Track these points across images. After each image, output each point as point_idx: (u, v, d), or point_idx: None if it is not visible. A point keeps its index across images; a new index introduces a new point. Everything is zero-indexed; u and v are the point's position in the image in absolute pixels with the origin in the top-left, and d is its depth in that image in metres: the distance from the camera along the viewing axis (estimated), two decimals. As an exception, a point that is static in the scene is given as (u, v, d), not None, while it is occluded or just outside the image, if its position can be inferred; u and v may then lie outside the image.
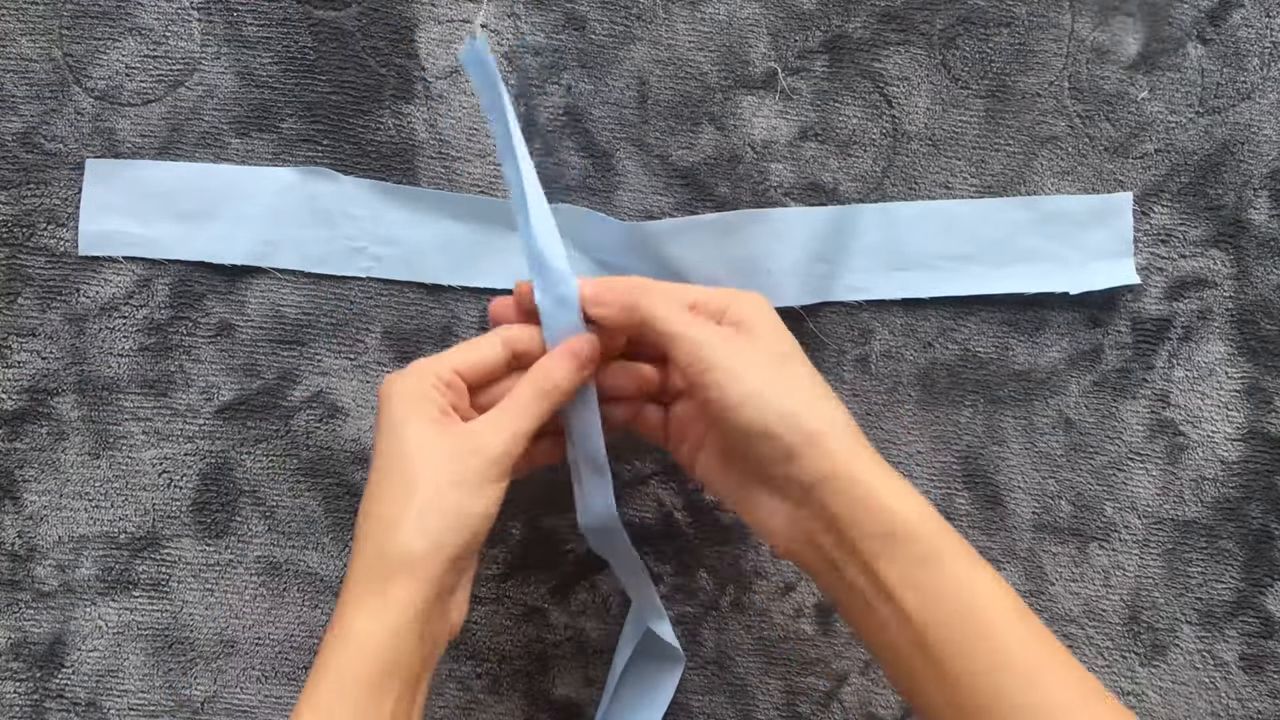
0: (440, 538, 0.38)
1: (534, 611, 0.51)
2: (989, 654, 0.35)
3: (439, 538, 0.38)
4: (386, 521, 0.38)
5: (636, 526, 0.50)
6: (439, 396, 0.40)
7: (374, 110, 0.50)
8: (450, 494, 0.38)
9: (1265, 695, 0.50)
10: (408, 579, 0.37)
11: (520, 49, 0.50)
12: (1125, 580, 0.50)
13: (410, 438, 0.39)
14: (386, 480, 0.39)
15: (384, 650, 0.37)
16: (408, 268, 0.50)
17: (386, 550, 0.37)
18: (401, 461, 0.38)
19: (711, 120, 0.50)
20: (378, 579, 0.37)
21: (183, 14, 0.50)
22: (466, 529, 0.38)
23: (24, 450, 0.50)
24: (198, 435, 0.50)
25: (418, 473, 0.38)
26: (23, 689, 0.50)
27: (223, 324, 0.50)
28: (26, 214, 0.50)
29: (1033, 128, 0.50)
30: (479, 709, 0.50)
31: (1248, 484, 0.50)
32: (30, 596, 0.50)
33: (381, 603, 0.37)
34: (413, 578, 0.37)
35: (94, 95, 0.50)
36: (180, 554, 0.50)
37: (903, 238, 0.50)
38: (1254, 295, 0.50)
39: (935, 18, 0.50)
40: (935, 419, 0.50)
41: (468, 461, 0.38)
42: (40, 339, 0.50)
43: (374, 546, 0.38)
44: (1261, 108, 0.50)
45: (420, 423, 0.39)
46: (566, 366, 0.41)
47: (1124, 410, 0.50)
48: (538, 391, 0.40)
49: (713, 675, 0.50)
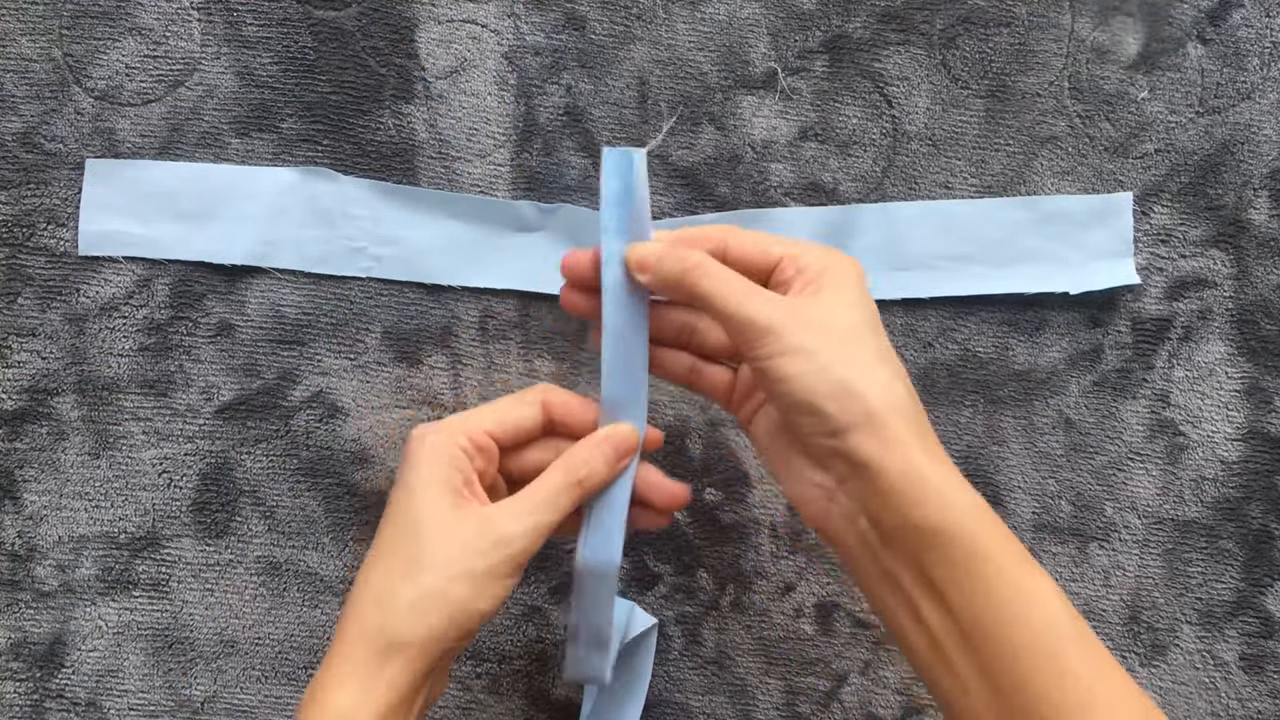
0: (441, 629, 0.36)
1: (534, 611, 0.51)
2: (1041, 657, 0.33)
3: (439, 629, 0.36)
4: (385, 598, 0.36)
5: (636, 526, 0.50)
6: (466, 463, 0.38)
7: (374, 110, 0.50)
8: (457, 587, 0.36)
9: (1265, 695, 0.50)
10: (400, 663, 0.36)
11: (520, 49, 0.50)
12: (1125, 580, 0.50)
13: (426, 513, 0.37)
14: (393, 553, 0.37)
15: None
16: (408, 268, 0.50)
17: (381, 629, 0.36)
18: (411, 538, 0.37)
19: (711, 120, 0.50)
20: (369, 657, 0.36)
21: (183, 14, 0.50)
22: (468, 623, 0.37)
23: (24, 450, 0.50)
24: (198, 435, 0.50)
25: (427, 556, 0.36)
26: (23, 689, 0.50)
27: (223, 324, 0.50)
28: (26, 214, 0.50)
29: (1033, 128, 0.50)
30: (479, 709, 0.50)
31: (1248, 484, 0.50)
32: (30, 596, 0.50)
33: (369, 684, 0.36)
34: (406, 662, 0.36)
35: (94, 95, 0.50)
36: (180, 554, 0.50)
37: (903, 238, 0.50)
38: (1254, 295, 0.50)
39: (935, 18, 0.50)
40: (935, 419, 0.50)
41: (482, 555, 0.37)
42: (40, 339, 0.50)
43: (368, 621, 0.36)
44: (1261, 108, 0.50)
45: (440, 497, 0.37)
46: (605, 458, 0.39)
47: (1124, 410, 0.50)
48: (570, 482, 0.39)
49: (713, 675, 0.50)
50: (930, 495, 0.34)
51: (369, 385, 0.50)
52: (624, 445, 0.39)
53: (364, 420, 0.50)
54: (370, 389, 0.50)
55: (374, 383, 0.50)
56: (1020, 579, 0.34)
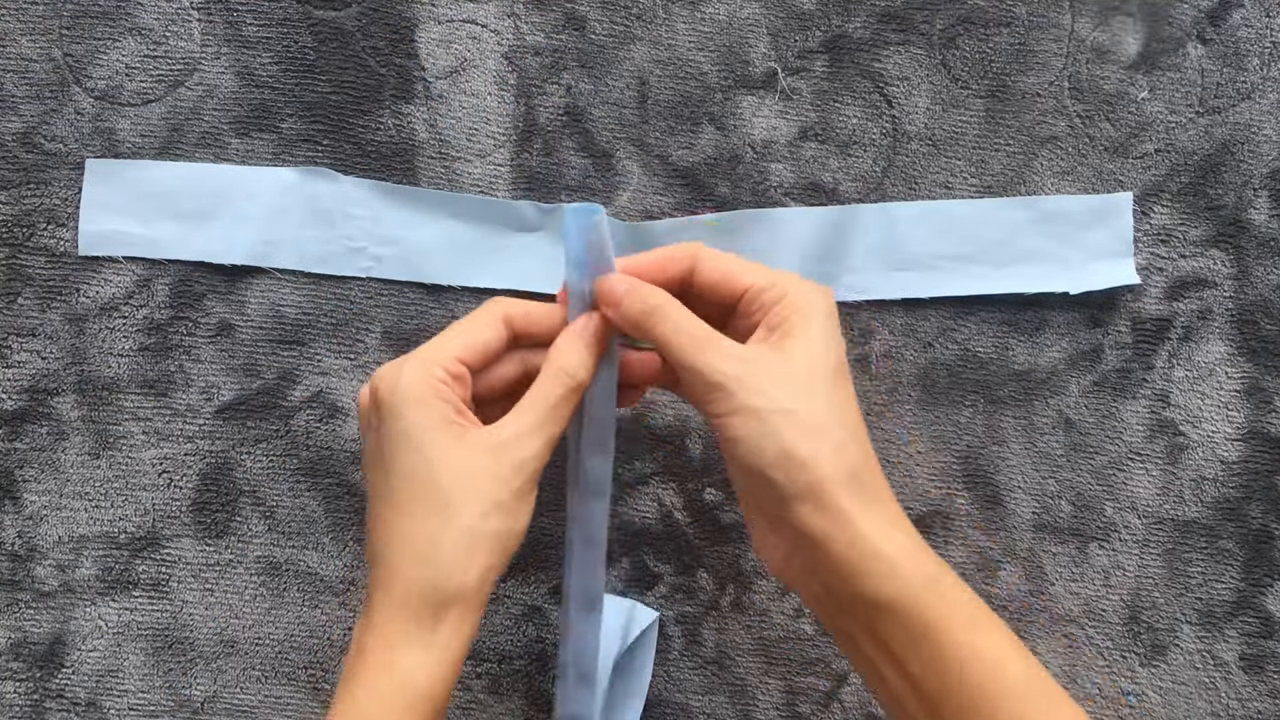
0: (489, 569, 0.36)
1: (534, 611, 0.51)
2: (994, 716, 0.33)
3: (488, 569, 0.36)
4: (424, 548, 0.36)
5: (636, 526, 0.50)
6: (451, 394, 0.37)
7: (374, 110, 0.50)
8: (493, 519, 0.36)
9: (1265, 695, 0.50)
10: (461, 611, 0.35)
11: (520, 49, 0.50)
12: (1125, 580, 0.50)
13: (437, 453, 0.36)
14: (414, 500, 0.36)
15: (438, 686, 0.35)
16: (408, 268, 0.50)
17: (432, 584, 0.35)
18: (432, 481, 0.36)
19: (711, 120, 0.50)
20: (424, 613, 0.35)
21: (183, 14, 0.50)
22: (509, 549, 0.37)
23: (24, 450, 0.50)
24: (198, 435, 0.50)
25: (455, 495, 0.36)
26: (23, 689, 0.50)
27: (223, 324, 0.50)
28: (26, 214, 0.50)
29: (1033, 128, 0.50)
30: (479, 709, 0.50)
31: (1248, 484, 0.50)
32: (30, 596, 0.50)
33: (433, 640, 0.35)
34: (466, 609, 0.36)
35: (94, 95, 0.50)
36: (180, 554, 0.50)
37: (903, 238, 0.50)
38: (1254, 295, 0.50)
39: (935, 18, 0.50)
40: (935, 419, 0.50)
41: (508, 481, 0.36)
42: (40, 339, 0.50)
43: (413, 576, 0.35)
44: (1261, 108, 0.50)
45: (443, 433, 0.36)
46: (591, 350, 0.38)
47: (1124, 410, 0.50)
48: (567, 388, 0.38)
49: (713, 675, 0.50)
50: (879, 568, 0.34)
51: (369, 385, 0.50)
52: (602, 331, 0.39)
53: (364, 420, 0.50)
54: (370, 389, 0.50)
55: (374, 383, 0.50)
56: (972, 642, 0.34)
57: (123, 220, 0.50)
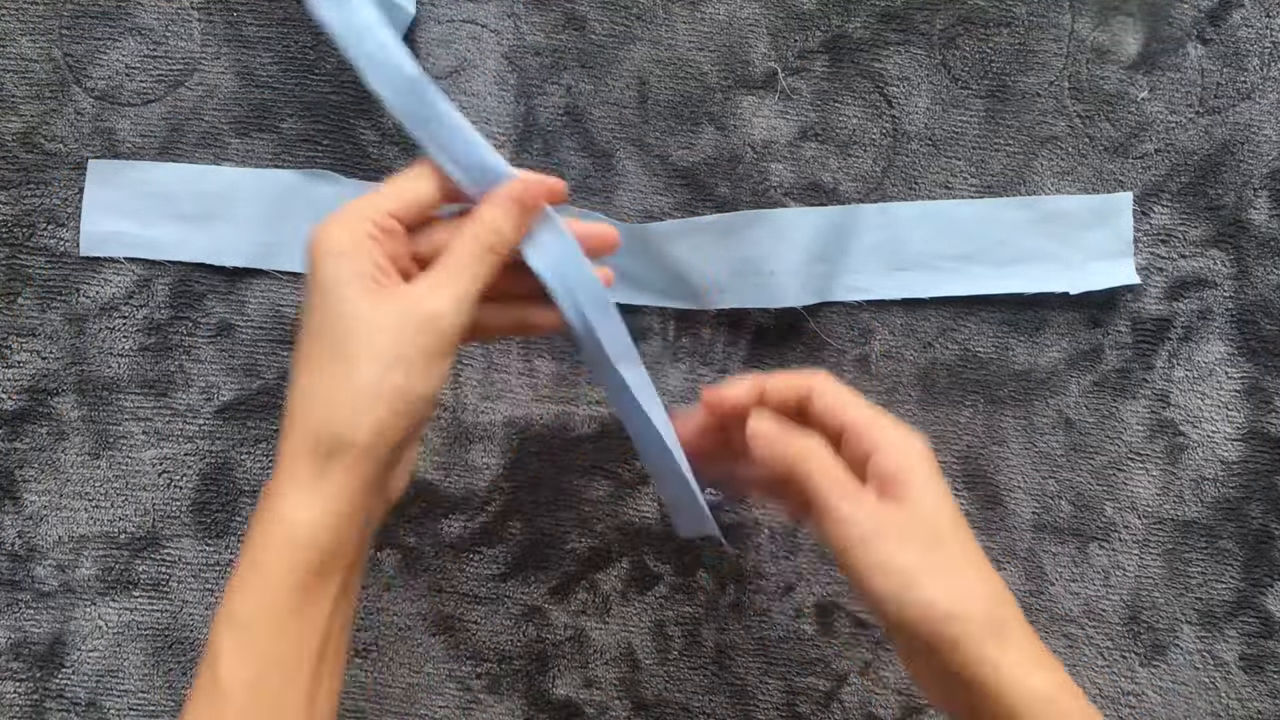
0: (383, 423, 0.35)
1: (534, 611, 0.51)
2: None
3: (381, 423, 0.35)
4: (322, 400, 0.35)
5: (636, 526, 0.50)
6: (376, 250, 0.36)
7: (374, 110, 0.50)
8: (394, 374, 0.35)
9: (1265, 695, 0.50)
10: (348, 465, 0.34)
11: (520, 49, 0.50)
12: (1125, 580, 0.50)
13: (347, 305, 0.35)
14: (321, 352, 0.35)
15: (324, 539, 0.34)
16: (408, 268, 0.50)
17: (323, 433, 0.34)
18: (338, 333, 0.35)
19: (711, 120, 0.50)
20: (314, 462, 0.34)
21: (183, 14, 0.50)
22: (411, 412, 0.35)
23: (24, 450, 0.50)
24: (198, 435, 0.50)
25: (357, 349, 0.35)
26: (23, 689, 0.50)
27: (223, 324, 0.50)
28: (26, 214, 0.50)
29: (1033, 128, 0.50)
30: (479, 709, 0.50)
31: (1248, 484, 0.50)
32: (30, 596, 0.50)
33: (319, 488, 0.34)
34: (354, 464, 0.34)
35: (94, 95, 0.50)
36: (180, 554, 0.50)
37: (903, 238, 0.50)
38: (1254, 295, 0.50)
39: (935, 18, 0.50)
40: (935, 419, 0.50)
41: (413, 337, 0.35)
42: (40, 339, 0.50)
43: (308, 426, 0.35)
44: (1261, 108, 0.50)
45: (358, 286, 0.35)
46: (510, 215, 0.37)
47: (1124, 410, 0.50)
48: (480, 247, 0.37)
49: (713, 675, 0.50)
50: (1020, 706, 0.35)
51: (369, 385, 0.50)
52: (528, 197, 0.38)
53: (364, 420, 0.50)
54: (370, 389, 0.50)
55: (374, 383, 0.50)
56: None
57: (124, 221, 0.50)
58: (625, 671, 0.50)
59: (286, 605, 0.34)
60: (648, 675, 0.50)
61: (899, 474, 0.37)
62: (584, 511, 0.51)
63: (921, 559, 0.36)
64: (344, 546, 0.35)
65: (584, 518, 0.51)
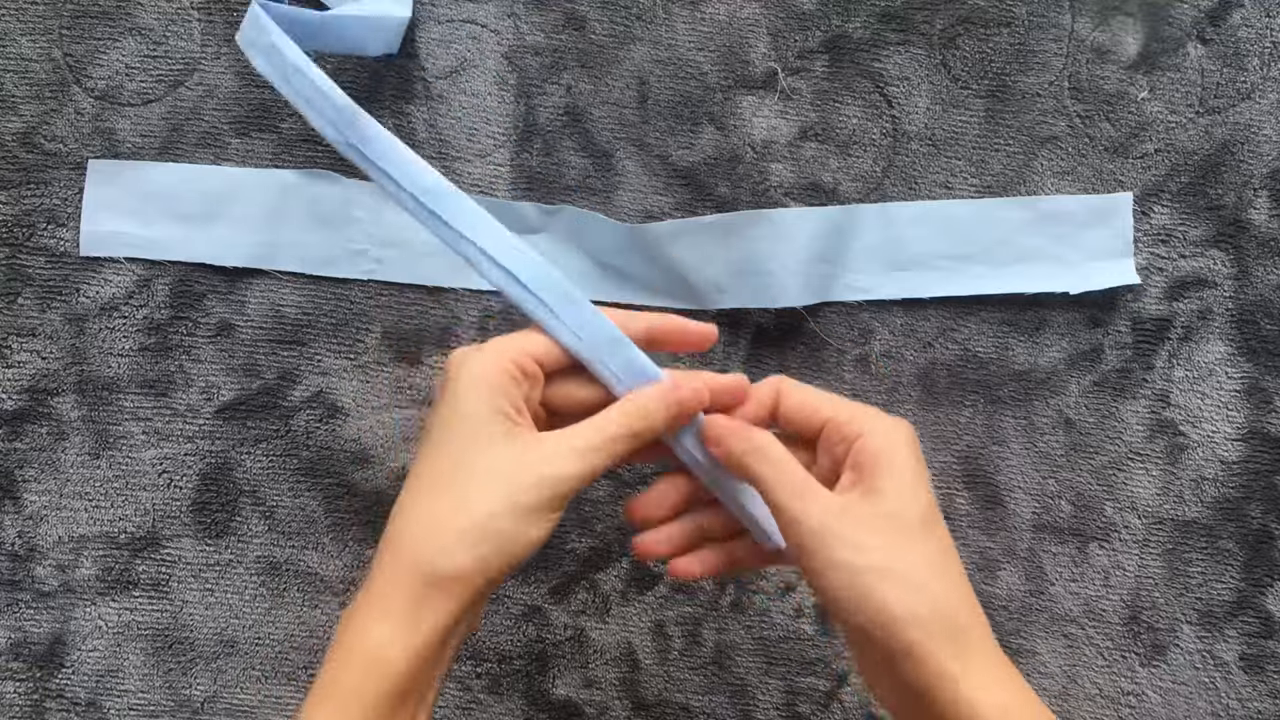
0: (485, 563, 0.35)
1: (534, 611, 0.51)
2: None
3: (484, 563, 0.35)
4: (429, 529, 0.35)
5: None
6: (514, 390, 0.36)
7: (374, 110, 0.50)
8: (507, 519, 0.35)
9: (1265, 695, 0.50)
10: (445, 597, 0.35)
11: (520, 49, 0.50)
12: (1125, 580, 0.50)
13: (476, 443, 0.35)
14: (438, 477, 0.36)
15: (408, 668, 0.34)
16: (410, 270, 0.50)
17: (423, 563, 0.35)
18: (459, 462, 0.35)
19: (711, 120, 0.50)
20: (412, 590, 0.35)
21: (183, 14, 0.50)
22: (515, 555, 0.35)
23: (24, 450, 0.50)
24: (198, 435, 0.50)
25: (474, 484, 0.35)
26: (23, 689, 0.50)
27: (223, 324, 0.50)
28: (26, 214, 0.50)
29: (1033, 128, 0.50)
30: (479, 709, 0.50)
31: (1248, 484, 0.50)
32: (30, 596, 0.50)
33: (411, 618, 0.34)
34: (451, 597, 0.35)
35: (94, 95, 0.50)
36: (180, 554, 0.50)
37: (903, 238, 0.50)
38: (1254, 295, 0.50)
39: (935, 18, 0.50)
40: (935, 419, 0.50)
41: (531, 488, 0.35)
42: (40, 339, 0.50)
43: (412, 554, 0.35)
44: (1261, 108, 0.50)
45: (490, 420, 0.35)
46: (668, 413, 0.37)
47: (1124, 410, 0.50)
48: (627, 432, 0.37)
49: (713, 675, 0.50)
50: None
51: (369, 385, 0.50)
52: (690, 403, 0.38)
53: (364, 420, 0.50)
54: (370, 389, 0.50)
55: (374, 383, 0.50)
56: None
57: (125, 221, 0.50)
58: (625, 671, 0.50)
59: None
60: (648, 675, 0.50)
61: (873, 461, 0.36)
62: (584, 511, 0.51)
63: (879, 559, 0.34)
64: (428, 675, 0.35)
65: (584, 518, 0.51)
